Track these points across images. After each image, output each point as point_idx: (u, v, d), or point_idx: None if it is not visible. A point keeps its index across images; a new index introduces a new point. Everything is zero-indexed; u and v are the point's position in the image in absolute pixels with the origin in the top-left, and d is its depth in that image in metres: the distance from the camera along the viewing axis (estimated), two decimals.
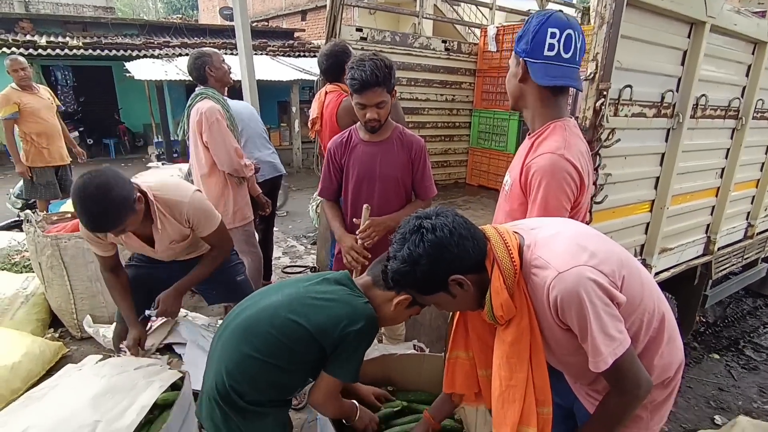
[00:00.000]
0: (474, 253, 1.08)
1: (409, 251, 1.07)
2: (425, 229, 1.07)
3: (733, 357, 3.44)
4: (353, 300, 1.37)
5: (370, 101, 1.89)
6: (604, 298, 1.01)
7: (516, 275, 1.07)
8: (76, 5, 15.75)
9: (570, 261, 1.03)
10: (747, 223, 3.18)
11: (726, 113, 2.52)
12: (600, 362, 1.01)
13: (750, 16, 2.45)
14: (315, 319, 1.31)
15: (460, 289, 1.10)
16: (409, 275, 1.09)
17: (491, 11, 4.45)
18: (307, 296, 1.36)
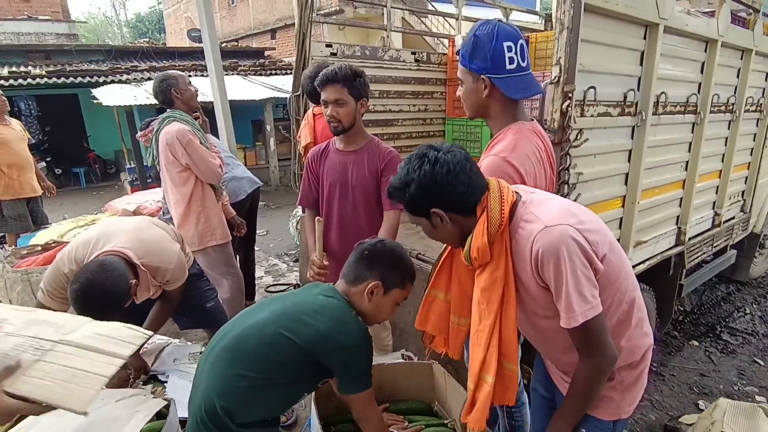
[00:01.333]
0: (462, 198, 1.15)
1: (407, 173, 1.16)
2: (428, 159, 1.14)
3: (712, 342, 3.55)
4: (340, 313, 1.38)
5: (329, 97, 1.95)
6: (583, 259, 1.06)
7: (501, 227, 1.13)
8: (37, 34, 15.39)
9: (558, 219, 1.09)
10: (714, 213, 3.31)
11: (685, 109, 2.64)
12: (571, 319, 1.06)
13: (700, 16, 2.58)
14: (305, 335, 1.31)
15: (439, 222, 1.18)
16: (400, 192, 1.18)
17: (458, 21, 4.56)
18: (295, 311, 1.36)
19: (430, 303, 1.46)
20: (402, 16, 10.50)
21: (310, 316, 1.34)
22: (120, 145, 10.07)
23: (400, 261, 1.44)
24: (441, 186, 1.13)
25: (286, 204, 8.34)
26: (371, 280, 1.38)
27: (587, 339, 1.10)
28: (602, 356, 1.11)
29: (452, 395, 1.65)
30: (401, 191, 1.18)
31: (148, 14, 34.10)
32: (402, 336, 2.70)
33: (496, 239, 1.14)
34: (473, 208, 1.16)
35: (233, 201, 3.32)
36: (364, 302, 1.41)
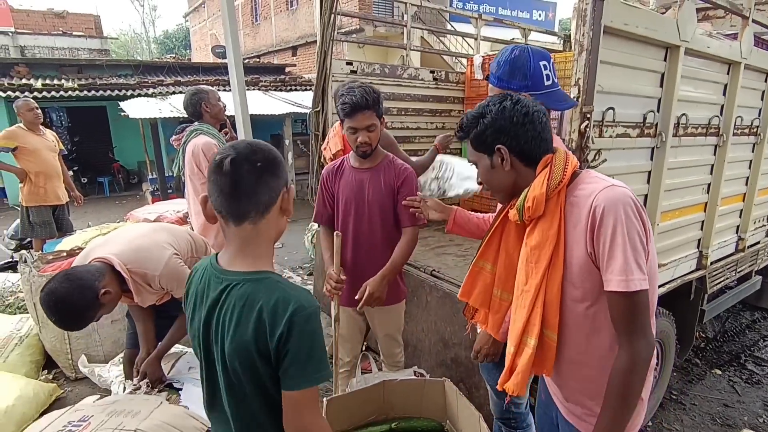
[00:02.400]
0: (531, 143, 1.16)
1: (486, 105, 1.19)
2: (510, 98, 1.17)
3: (736, 372, 3.42)
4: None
5: (361, 124, 1.96)
6: (642, 230, 1.05)
7: (561, 184, 1.13)
8: (71, 49, 16.06)
9: (623, 184, 1.09)
10: (737, 237, 3.22)
11: (707, 131, 2.60)
12: (629, 282, 1.01)
13: (722, 38, 2.56)
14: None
15: (499, 162, 1.18)
16: (472, 122, 1.20)
17: (476, 41, 4.61)
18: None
19: (476, 274, 1.42)
20: (421, 35, 10.67)
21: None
22: (143, 156, 10.35)
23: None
24: (515, 124, 1.14)
25: (301, 218, 8.40)
26: (282, 189, 1.07)
27: (634, 313, 1.04)
28: (645, 339, 1.05)
29: (464, 415, 1.63)
30: (473, 122, 1.19)
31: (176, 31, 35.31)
32: (414, 353, 2.68)
33: (552, 197, 1.13)
34: (536, 160, 1.17)
35: None
36: (280, 222, 1.11)
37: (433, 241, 3.36)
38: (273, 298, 1.00)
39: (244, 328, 1.00)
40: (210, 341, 1.08)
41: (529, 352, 1.16)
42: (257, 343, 0.99)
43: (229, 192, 1.00)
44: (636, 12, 1.93)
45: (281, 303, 0.99)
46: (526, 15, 14.82)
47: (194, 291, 1.12)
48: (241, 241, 1.05)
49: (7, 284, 3.69)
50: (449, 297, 2.42)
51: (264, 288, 1.02)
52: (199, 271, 1.14)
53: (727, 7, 2.64)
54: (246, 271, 1.04)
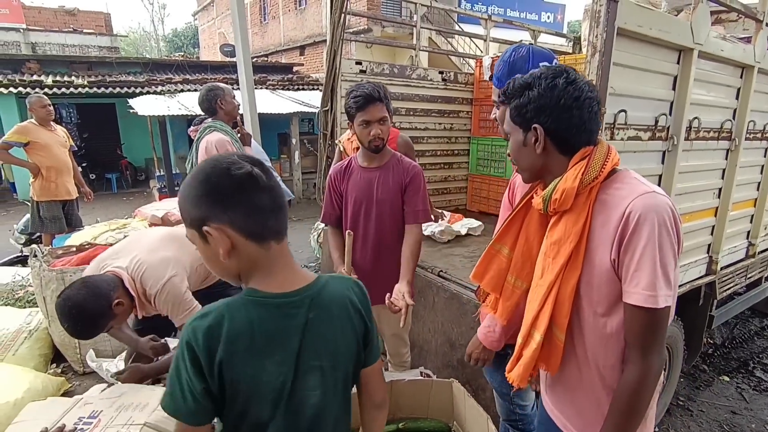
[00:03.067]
0: (572, 130, 1.07)
1: (538, 76, 1.08)
2: (567, 76, 1.06)
3: (744, 379, 3.39)
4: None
5: (374, 116, 1.98)
6: (676, 243, 0.98)
7: (594, 181, 1.05)
8: (81, 46, 16.19)
9: (665, 193, 1.02)
10: (748, 243, 3.19)
11: (719, 135, 2.58)
12: (656, 298, 0.95)
13: (736, 42, 2.54)
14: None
15: (533, 141, 1.10)
16: (517, 91, 1.11)
17: (485, 42, 4.60)
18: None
19: (492, 256, 1.36)
20: (429, 36, 10.66)
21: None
22: (151, 153, 10.41)
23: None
24: (561, 107, 1.04)
25: (308, 216, 8.43)
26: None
27: (654, 329, 0.98)
28: (659, 354, 1.00)
29: (471, 415, 1.62)
30: (519, 90, 1.10)
31: (184, 29, 35.49)
32: (421, 354, 2.67)
33: (584, 192, 1.05)
34: (573, 149, 1.08)
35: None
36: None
37: (441, 241, 3.35)
38: (345, 287, 1.02)
39: (348, 329, 0.99)
40: (300, 374, 0.93)
41: (534, 345, 1.13)
42: (361, 334, 1.01)
43: (274, 207, 0.90)
44: (650, 14, 1.92)
45: (353, 288, 1.03)
46: (535, 17, 14.78)
47: (249, 343, 0.88)
48: (287, 258, 0.96)
49: (17, 278, 3.72)
50: (456, 298, 2.42)
51: (336, 284, 1.01)
52: (241, 320, 0.89)
53: (740, 11, 2.61)
54: (311, 283, 0.97)
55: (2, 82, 9.19)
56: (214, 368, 0.86)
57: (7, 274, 3.80)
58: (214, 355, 0.86)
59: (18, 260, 4.74)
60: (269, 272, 0.92)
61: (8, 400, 2.33)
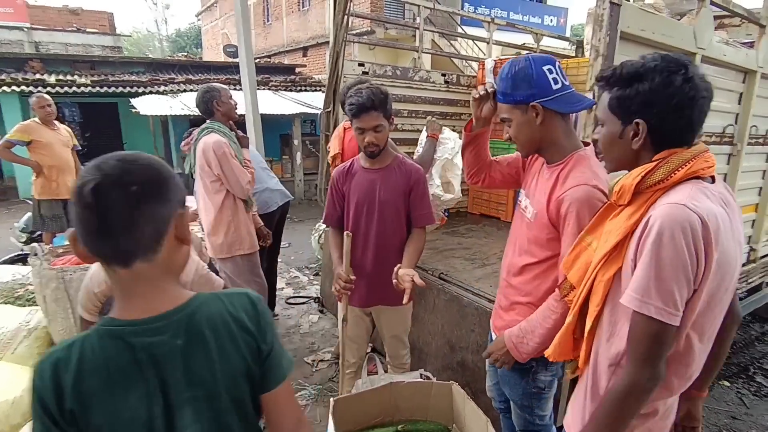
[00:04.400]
0: (675, 131, 1.00)
1: (652, 68, 0.99)
2: (685, 71, 0.97)
3: (744, 384, 3.38)
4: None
5: (368, 125, 1.96)
6: (690, 261, 0.92)
7: (658, 185, 1.00)
8: (84, 45, 16.25)
9: (693, 201, 0.94)
10: (749, 248, 3.19)
11: (721, 139, 2.58)
12: (641, 303, 0.94)
13: (738, 46, 2.55)
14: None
15: (630, 136, 1.03)
16: (624, 81, 1.02)
17: (488, 45, 4.61)
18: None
19: (582, 249, 1.28)
20: (432, 38, 10.68)
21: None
22: (153, 152, 10.40)
23: (164, 164, 0.88)
24: (674, 106, 0.97)
25: (309, 217, 8.44)
26: (174, 215, 0.84)
27: (641, 338, 0.97)
28: (645, 369, 0.97)
29: (471, 418, 1.62)
30: (627, 80, 1.02)
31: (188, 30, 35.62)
32: (420, 356, 2.67)
33: (646, 192, 1.02)
34: (668, 146, 1.01)
35: (264, 212, 3.41)
36: (181, 254, 0.88)
37: (441, 244, 3.35)
38: (229, 304, 0.87)
39: (229, 352, 0.84)
40: (174, 408, 0.82)
41: (565, 325, 1.17)
42: (250, 356, 0.86)
43: (97, 229, 0.76)
44: (653, 18, 1.92)
45: (244, 302, 0.89)
46: (538, 20, 14.79)
47: (106, 379, 0.77)
48: (146, 281, 0.81)
49: (17, 277, 3.72)
50: (457, 300, 2.42)
51: (218, 302, 0.87)
52: (93, 354, 0.78)
53: (743, 15, 2.62)
54: (184, 303, 0.84)
55: (5, 80, 9.21)
56: (65, 415, 0.75)
57: (8, 273, 3.80)
58: (63, 399, 0.75)
59: (18, 258, 4.75)
60: (126, 297, 0.82)
61: (7, 399, 2.33)
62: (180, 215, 0.84)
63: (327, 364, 3.28)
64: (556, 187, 1.38)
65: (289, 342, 3.65)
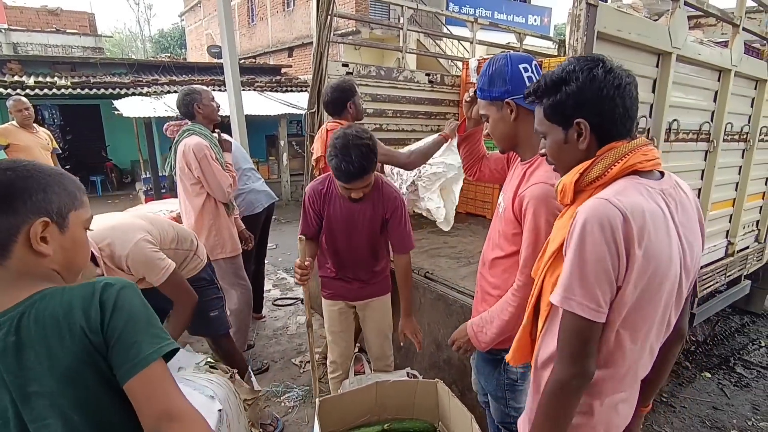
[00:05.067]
0: (615, 122, 1.00)
1: (572, 70, 1.00)
2: (603, 64, 0.99)
3: (725, 375, 3.46)
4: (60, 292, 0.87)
5: (356, 187, 1.91)
6: (611, 257, 0.91)
7: (596, 182, 1.00)
8: (64, 46, 15.96)
9: (614, 196, 0.94)
10: (727, 242, 3.27)
11: (698, 136, 2.64)
12: (564, 299, 0.95)
13: (713, 46, 2.60)
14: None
15: (575, 138, 1.03)
16: (550, 90, 1.04)
17: (472, 45, 4.64)
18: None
19: (543, 251, 1.31)
20: (417, 38, 10.71)
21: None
22: (137, 155, 10.28)
23: (42, 172, 0.90)
24: (603, 98, 0.98)
25: (296, 219, 8.40)
26: (25, 225, 0.85)
27: (566, 335, 0.98)
28: (575, 367, 0.97)
29: (456, 416, 1.64)
30: (553, 87, 1.03)
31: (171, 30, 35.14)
32: (407, 355, 2.68)
33: (588, 191, 1.02)
34: (612, 139, 1.02)
35: (250, 213, 3.39)
36: (41, 262, 0.88)
37: (427, 243, 3.37)
38: (73, 295, 0.84)
39: (61, 348, 0.82)
40: (22, 403, 0.83)
41: (521, 327, 1.17)
42: (83, 352, 0.82)
43: None
44: (629, 18, 1.96)
45: (86, 294, 0.84)
46: (522, 20, 14.92)
47: None
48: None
49: None
50: (442, 299, 2.43)
51: (58, 295, 0.84)
52: None
53: (718, 15, 2.68)
54: (25, 298, 0.84)
55: None
56: None
57: None
58: None
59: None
60: None
61: None
62: (40, 226, 0.85)
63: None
64: (522, 184, 1.42)
65: (276, 343, 3.64)
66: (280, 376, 3.21)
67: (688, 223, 1.03)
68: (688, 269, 1.03)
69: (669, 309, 1.04)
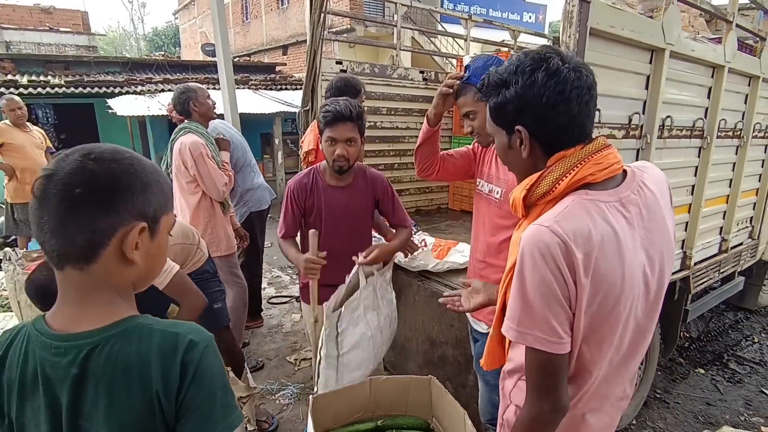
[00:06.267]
0: (558, 131, 0.92)
1: (513, 71, 0.93)
2: (548, 66, 0.90)
3: (718, 371, 3.48)
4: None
5: (341, 135, 1.91)
6: (551, 285, 0.86)
7: (546, 197, 0.94)
8: (58, 45, 15.85)
9: (549, 219, 0.89)
10: (721, 238, 3.28)
11: (691, 133, 2.64)
12: (511, 331, 0.91)
13: (706, 42, 2.61)
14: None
15: (517, 144, 0.97)
16: (492, 89, 0.97)
17: (466, 42, 4.64)
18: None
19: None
20: (412, 36, 10.69)
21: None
22: None
23: (144, 168, 0.79)
24: (543, 106, 0.90)
25: None
26: (121, 228, 0.75)
27: (530, 368, 0.93)
28: (546, 401, 0.92)
29: (450, 412, 1.64)
30: (494, 89, 0.96)
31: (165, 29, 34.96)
32: (402, 352, 2.68)
33: (539, 205, 0.97)
34: (560, 147, 0.94)
35: (258, 209, 3.49)
36: (126, 271, 0.78)
37: None
38: (152, 345, 0.74)
39: (125, 402, 0.73)
40: (62, 429, 0.75)
41: (489, 337, 1.14)
42: (146, 413, 0.74)
43: (37, 224, 0.74)
44: (622, 15, 1.96)
45: (167, 348, 0.74)
46: (516, 17, 14.93)
47: (21, 379, 0.76)
48: (75, 290, 0.76)
49: None
50: (436, 296, 2.42)
51: (136, 338, 0.75)
52: (13, 343, 0.78)
53: (711, 12, 2.68)
54: (101, 327, 0.75)
55: None
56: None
57: None
58: None
59: None
60: (60, 299, 0.78)
61: None
62: (130, 230, 0.75)
63: (309, 362, 3.28)
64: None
65: (271, 341, 3.64)
66: (275, 373, 3.20)
67: (656, 227, 0.97)
68: (660, 275, 0.99)
69: (629, 325, 0.97)
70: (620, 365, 1.03)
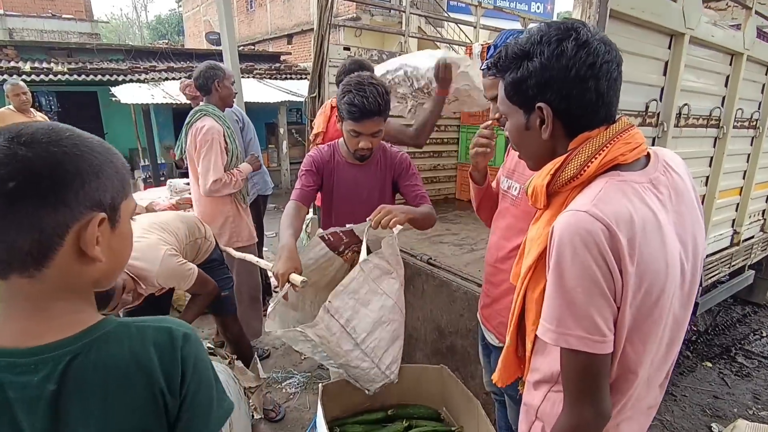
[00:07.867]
0: (585, 108, 0.83)
1: (538, 41, 0.82)
2: (577, 37, 0.80)
3: (726, 364, 3.45)
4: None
5: (368, 130, 1.76)
6: (598, 274, 0.77)
7: (573, 181, 0.85)
8: (60, 32, 15.75)
9: (591, 204, 0.79)
10: (733, 231, 3.23)
11: (708, 122, 2.59)
12: (556, 335, 0.80)
13: (726, 28, 2.54)
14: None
15: (537, 124, 0.87)
16: (512, 61, 0.86)
17: (475, 30, 4.56)
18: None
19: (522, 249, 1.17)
20: (418, 24, 10.57)
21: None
22: (135, 143, 10.20)
23: (92, 149, 0.67)
24: (572, 80, 0.80)
25: None
26: (75, 223, 0.63)
27: (570, 373, 0.83)
28: (591, 407, 0.83)
29: (461, 402, 1.61)
30: (514, 60, 0.86)
31: (168, 17, 34.78)
32: (410, 341, 2.66)
33: (562, 192, 0.87)
34: (584, 128, 0.85)
35: (264, 193, 3.59)
36: (87, 271, 0.66)
37: (430, 230, 3.32)
38: (145, 341, 0.68)
39: (126, 405, 0.66)
40: None
41: (506, 348, 1.04)
42: (152, 413, 0.68)
43: None
44: None
45: (163, 344, 0.69)
46: (525, 6, 14.75)
47: None
48: (26, 301, 0.64)
49: None
50: (445, 285, 2.40)
51: (126, 338, 0.68)
52: None
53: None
54: (75, 335, 0.65)
55: None
56: None
57: None
58: None
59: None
60: (4, 315, 0.65)
61: None
62: (87, 224, 0.63)
63: None
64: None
65: None
66: (282, 362, 3.19)
67: (686, 209, 0.89)
68: (695, 261, 0.91)
69: (669, 319, 0.89)
70: (660, 365, 0.94)
